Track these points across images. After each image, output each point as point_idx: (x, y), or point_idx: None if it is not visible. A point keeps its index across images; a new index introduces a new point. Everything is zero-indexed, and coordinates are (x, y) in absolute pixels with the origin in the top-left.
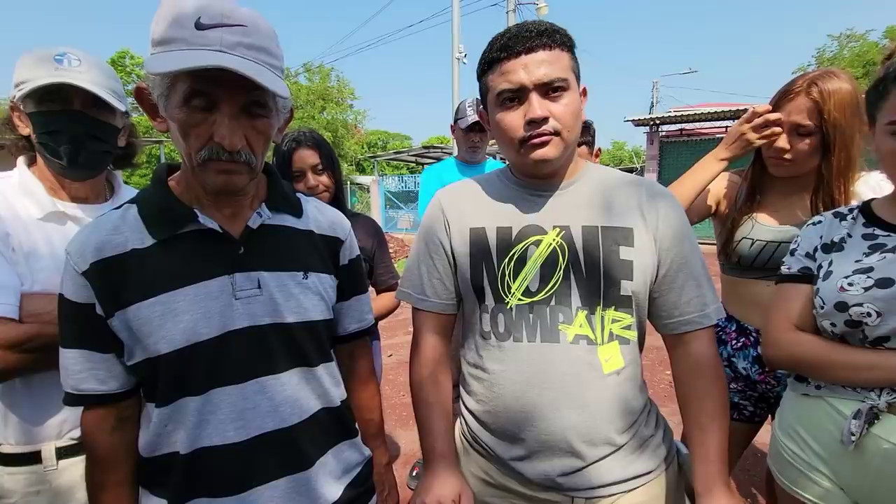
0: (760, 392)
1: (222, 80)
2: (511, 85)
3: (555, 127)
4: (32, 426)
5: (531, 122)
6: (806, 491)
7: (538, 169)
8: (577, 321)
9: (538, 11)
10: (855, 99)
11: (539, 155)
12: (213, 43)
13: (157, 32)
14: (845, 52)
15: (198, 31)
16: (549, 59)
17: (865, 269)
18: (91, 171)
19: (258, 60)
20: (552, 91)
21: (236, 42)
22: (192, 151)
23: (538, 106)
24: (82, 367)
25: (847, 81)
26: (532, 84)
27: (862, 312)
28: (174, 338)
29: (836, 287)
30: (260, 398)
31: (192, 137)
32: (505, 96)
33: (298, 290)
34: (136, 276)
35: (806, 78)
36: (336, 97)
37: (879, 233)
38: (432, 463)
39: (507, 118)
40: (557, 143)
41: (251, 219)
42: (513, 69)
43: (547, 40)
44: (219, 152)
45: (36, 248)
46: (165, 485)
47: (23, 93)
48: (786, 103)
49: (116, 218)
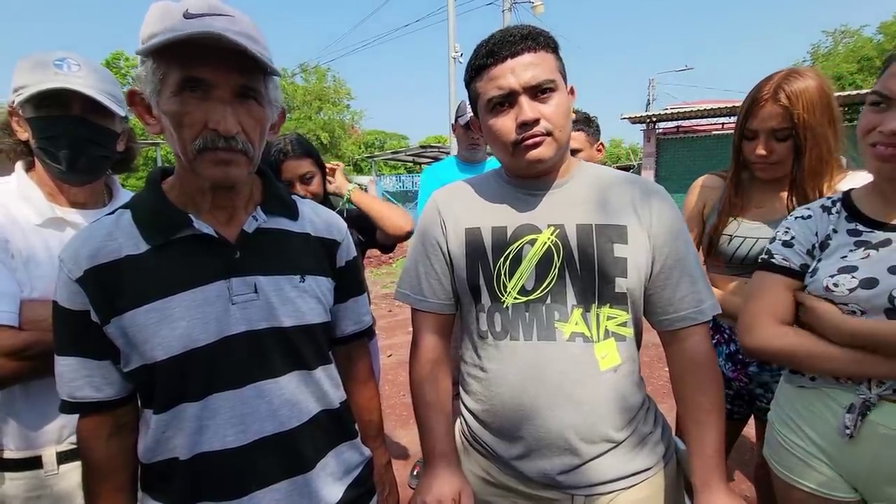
0: (735, 390)
1: (214, 62)
2: (500, 90)
3: (546, 128)
4: (32, 431)
5: (523, 125)
6: (805, 479)
7: (532, 169)
8: (573, 319)
9: (533, 10)
10: (823, 94)
11: (533, 156)
12: (200, 26)
13: (145, 32)
14: (840, 48)
15: (185, 19)
16: (536, 61)
17: (850, 269)
18: (90, 176)
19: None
20: (541, 93)
21: (224, 27)
22: (187, 143)
23: (528, 108)
24: (78, 375)
25: (813, 79)
26: (521, 87)
27: (847, 311)
28: (171, 344)
29: (821, 286)
30: (258, 402)
31: (185, 127)
32: (495, 101)
33: (295, 293)
34: (132, 282)
35: (772, 83)
36: (333, 97)
37: (862, 229)
38: (433, 462)
39: (499, 123)
40: (550, 143)
41: (247, 223)
42: (501, 74)
43: (531, 43)
44: (214, 140)
45: (34, 254)
46: (166, 490)
47: (22, 98)
48: (758, 110)
49: (110, 223)
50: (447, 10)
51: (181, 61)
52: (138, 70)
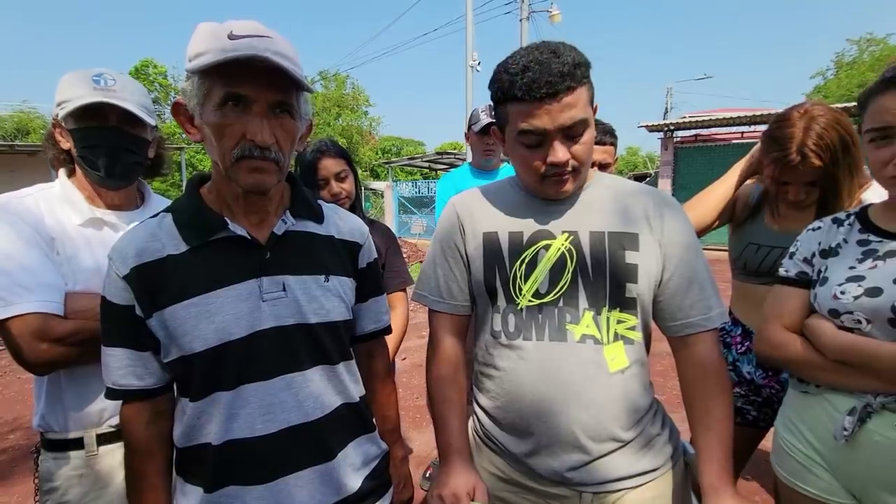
0: (765, 397)
1: (253, 80)
2: (534, 129)
3: (574, 165)
4: (75, 414)
5: (553, 165)
6: (805, 483)
7: (556, 198)
8: (584, 321)
9: (551, 19)
10: (841, 134)
11: (558, 190)
12: (244, 48)
13: (192, 50)
14: (865, 56)
15: (230, 40)
16: (572, 101)
17: (857, 278)
18: (125, 180)
19: (285, 63)
20: (572, 132)
21: (265, 48)
22: (227, 152)
23: (560, 151)
24: (122, 364)
25: (828, 120)
26: (555, 129)
27: (853, 319)
28: (207, 337)
29: (830, 294)
30: (286, 394)
31: (226, 138)
32: (526, 140)
33: (320, 292)
34: (173, 279)
35: (794, 142)
36: (351, 104)
37: (873, 239)
38: (448, 458)
39: (529, 157)
40: (574, 178)
41: (276, 226)
42: (536, 115)
43: (570, 82)
44: (251, 149)
45: (77, 251)
46: (199, 473)
47: (65, 111)
48: (787, 171)
49: (154, 225)
50: (466, 20)
51: (225, 79)
52: (183, 84)
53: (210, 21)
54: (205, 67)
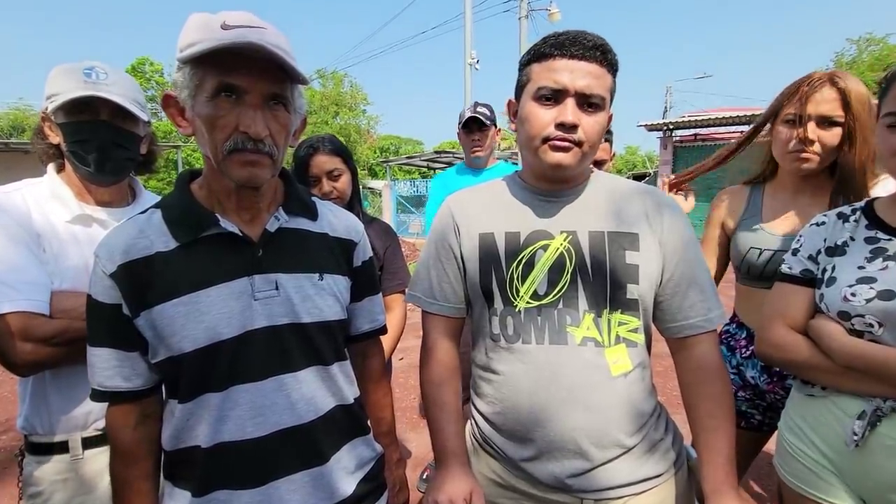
0: (769, 402)
1: (247, 70)
2: (554, 84)
3: (580, 138)
4: (61, 417)
5: (561, 125)
6: (812, 487)
7: (552, 172)
8: (585, 324)
9: (550, 17)
10: (869, 97)
11: (556, 159)
12: (237, 37)
13: (184, 40)
14: (864, 56)
15: (223, 30)
16: (597, 73)
17: (868, 279)
18: (116, 177)
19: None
20: (588, 105)
21: (258, 38)
22: (219, 144)
23: (571, 112)
24: (109, 365)
25: (859, 83)
26: (574, 90)
27: (864, 323)
28: (197, 336)
29: (839, 296)
30: (277, 395)
31: (218, 129)
32: (543, 92)
33: (314, 291)
34: (161, 277)
35: (821, 74)
36: (349, 103)
37: (882, 236)
38: (444, 462)
39: (539, 112)
40: (576, 153)
41: (269, 222)
42: (560, 69)
43: (600, 56)
44: (244, 142)
45: (64, 248)
46: (188, 477)
47: (55, 104)
48: (811, 94)
49: (142, 222)
50: (464, 18)
51: (218, 69)
52: (175, 76)
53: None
54: (197, 55)
